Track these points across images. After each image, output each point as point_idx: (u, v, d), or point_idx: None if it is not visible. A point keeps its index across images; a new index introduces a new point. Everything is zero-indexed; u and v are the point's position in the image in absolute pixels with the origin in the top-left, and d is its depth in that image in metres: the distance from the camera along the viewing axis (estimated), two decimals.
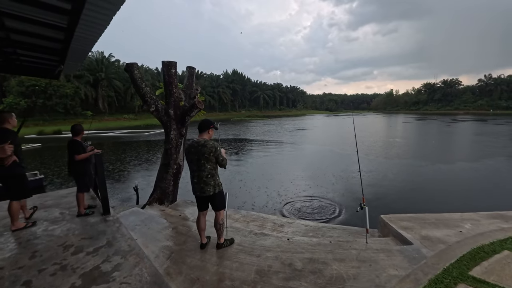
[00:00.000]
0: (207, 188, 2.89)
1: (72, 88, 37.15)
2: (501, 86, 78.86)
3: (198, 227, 3.15)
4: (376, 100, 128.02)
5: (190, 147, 2.90)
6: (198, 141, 2.88)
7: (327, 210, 6.41)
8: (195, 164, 2.87)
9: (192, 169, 2.93)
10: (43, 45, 4.10)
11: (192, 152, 2.87)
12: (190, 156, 2.88)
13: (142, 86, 4.77)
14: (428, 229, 3.88)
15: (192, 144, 2.89)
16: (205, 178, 2.88)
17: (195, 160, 2.86)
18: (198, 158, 2.84)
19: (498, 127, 30.30)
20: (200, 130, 2.96)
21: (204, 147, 2.83)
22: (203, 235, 3.19)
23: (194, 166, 2.90)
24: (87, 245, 2.88)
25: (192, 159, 2.88)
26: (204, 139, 2.91)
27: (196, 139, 2.93)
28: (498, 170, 10.45)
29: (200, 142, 2.86)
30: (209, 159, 2.85)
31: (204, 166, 2.85)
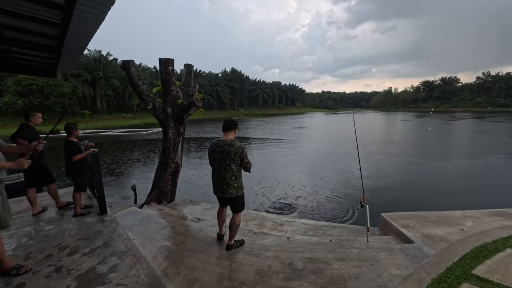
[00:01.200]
0: (229, 190, 2.81)
1: (70, 87, 36.88)
2: (499, 83, 79.04)
3: (219, 219, 3.21)
4: (375, 98, 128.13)
5: (214, 146, 2.82)
6: (224, 141, 2.79)
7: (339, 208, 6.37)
8: (218, 164, 2.80)
9: (215, 168, 2.86)
10: (37, 42, 4.01)
11: (216, 151, 2.79)
12: (214, 155, 2.81)
13: (139, 84, 4.69)
14: (429, 227, 3.84)
15: (217, 143, 2.81)
16: (229, 179, 2.79)
17: (218, 159, 2.79)
18: (223, 158, 2.76)
19: (496, 124, 30.35)
20: (226, 129, 2.87)
21: (230, 146, 2.74)
22: (222, 226, 3.25)
23: (217, 165, 2.82)
24: (83, 246, 2.82)
25: (215, 158, 2.81)
26: (231, 139, 2.82)
27: (222, 138, 2.84)
28: (497, 168, 10.44)
29: (227, 142, 2.77)
30: (235, 160, 2.76)
31: (229, 167, 2.76)
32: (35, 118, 3.69)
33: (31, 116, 3.64)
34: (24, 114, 3.68)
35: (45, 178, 3.81)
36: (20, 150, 2.71)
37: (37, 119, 3.73)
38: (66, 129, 3.63)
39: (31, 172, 3.46)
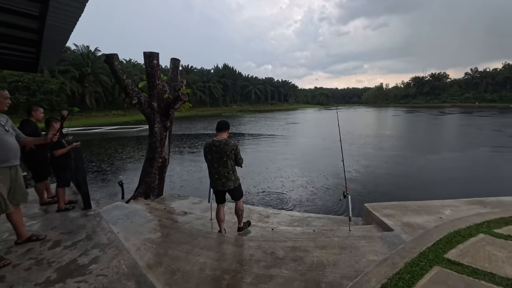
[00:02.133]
0: (228, 183, 3.14)
1: (57, 84, 35.91)
2: (486, 79, 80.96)
3: (218, 219, 3.40)
4: (367, 94, 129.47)
5: (211, 146, 3.08)
6: (220, 140, 3.08)
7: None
8: (217, 162, 3.08)
9: (212, 166, 3.12)
10: (17, 36, 3.92)
11: (213, 150, 3.06)
12: (212, 154, 3.08)
13: (123, 78, 4.64)
14: (410, 216, 3.97)
15: (213, 143, 3.08)
16: (227, 174, 3.11)
17: (216, 158, 3.07)
18: (221, 155, 3.05)
19: (482, 119, 31.19)
20: (220, 129, 3.15)
21: (226, 145, 3.05)
22: (222, 225, 3.43)
23: (215, 163, 3.09)
24: (65, 239, 2.83)
25: (213, 157, 3.07)
26: (225, 139, 3.12)
27: (216, 139, 3.11)
28: (481, 160, 10.79)
29: (222, 141, 3.07)
30: (230, 157, 3.09)
31: (226, 163, 3.08)
32: (36, 113, 3.81)
33: (33, 111, 3.78)
34: (26, 110, 3.88)
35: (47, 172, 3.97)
36: (38, 142, 3.07)
37: (39, 114, 3.85)
38: (46, 124, 3.60)
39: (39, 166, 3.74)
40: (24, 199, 2.68)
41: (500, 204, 4.44)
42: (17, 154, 2.60)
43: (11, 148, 2.51)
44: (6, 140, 2.48)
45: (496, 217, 3.55)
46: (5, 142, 2.46)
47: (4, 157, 2.45)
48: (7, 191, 2.49)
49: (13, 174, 2.54)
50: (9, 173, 2.50)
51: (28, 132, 3.36)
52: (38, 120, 3.82)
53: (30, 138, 2.96)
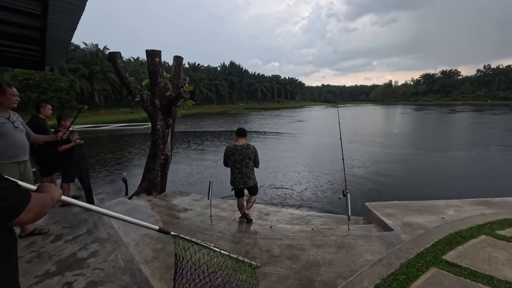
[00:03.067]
0: (249, 181, 3.64)
1: (67, 82, 36.65)
2: (499, 76, 78.52)
3: (239, 207, 3.89)
4: (375, 91, 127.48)
5: (233, 150, 3.55)
6: (241, 145, 3.57)
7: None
8: (240, 163, 3.56)
9: (236, 166, 3.57)
10: (22, 34, 4.00)
11: (236, 153, 3.54)
12: (235, 156, 3.55)
13: (125, 76, 4.70)
14: (411, 215, 3.92)
15: (236, 147, 3.55)
16: (249, 173, 3.61)
17: (239, 160, 3.55)
18: (243, 158, 3.54)
19: (494, 117, 30.31)
20: (240, 135, 3.63)
21: (247, 149, 3.56)
22: (243, 211, 3.89)
23: (238, 164, 3.56)
24: (66, 234, 2.90)
25: (236, 159, 3.55)
26: (247, 143, 3.63)
27: (238, 144, 3.58)
28: (491, 159, 10.51)
29: (244, 146, 3.57)
30: (251, 158, 3.60)
31: (248, 164, 3.58)
32: (44, 109, 3.92)
33: (41, 107, 3.89)
34: (35, 106, 3.98)
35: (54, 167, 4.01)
36: (48, 139, 3.19)
37: (47, 111, 3.95)
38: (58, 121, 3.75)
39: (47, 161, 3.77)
40: None
41: (506, 205, 4.33)
42: (26, 150, 2.68)
43: (20, 144, 2.58)
44: (14, 137, 2.55)
45: (499, 218, 3.46)
46: (13, 138, 2.53)
47: (12, 153, 2.53)
48: None
49: (21, 169, 2.62)
50: (17, 168, 2.58)
51: (35, 128, 3.46)
52: (46, 116, 3.91)
53: (40, 136, 3.06)
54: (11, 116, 2.63)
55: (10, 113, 2.65)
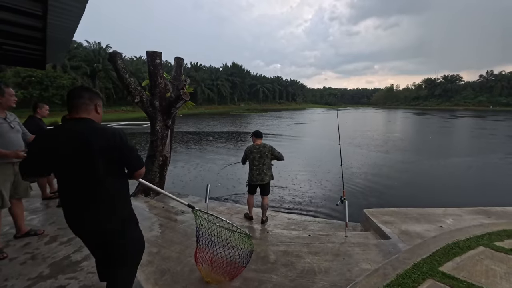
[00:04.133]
0: (265, 178, 3.99)
1: (69, 79, 36.78)
2: (501, 82, 78.38)
3: (250, 204, 4.20)
4: (376, 95, 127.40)
5: (252, 149, 3.95)
6: (259, 145, 3.97)
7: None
8: (258, 160, 3.93)
9: (254, 164, 3.95)
10: (24, 34, 4.01)
11: (254, 152, 3.94)
12: (253, 155, 3.93)
13: (125, 76, 4.70)
14: (409, 223, 3.89)
15: (254, 147, 3.96)
16: (266, 170, 3.98)
17: (258, 157, 3.93)
18: (261, 156, 3.93)
19: (496, 123, 30.22)
20: (258, 136, 4.04)
21: (264, 147, 3.98)
22: (252, 210, 4.24)
23: (256, 162, 3.93)
24: (61, 235, 2.89)
25: (255, 157, 3.93)
26: (263, 143, 4.03)
27: (256, 144, 3.98)
28: (492, 167, 10.47)
29: (261, 145, 3.98)
30: (268, 156, 3.99)
31: (266, 162, 3.96)
32: (42, 110, 3.91)
33: (38, 108, 3.85)
34: (32, 107, 3.95)
35: None
36: None
37: (44, 111, 3.95)
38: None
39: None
40: (26, 194, 2.76)
41: (506, 215, 4.30)
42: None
43: (15, 145, 2.58)
44: (10, 137, 2.55)
45: (498, 229, 3.43)
46: (9, 139, 2.53)
47: None
48: (10, 186, 2.56)
49: (16, 169, 2.61)
50: (12, 168, 2.58)
51: (30, 129, 3.46)
52: (43, 116, 3.92)
53: None
54: (8, 116, 2.63)
55: (7, 113, 2.65)
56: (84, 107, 1.45)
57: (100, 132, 1.39)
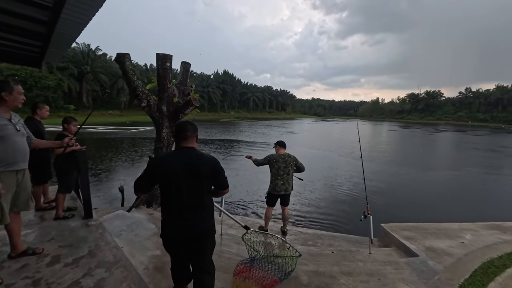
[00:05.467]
0: (289, 188, 3.97)
1: (55, 80, 35.25)
2: (479, 99, 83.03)
3: (268, 217, 4.08)
4: (363, 107, 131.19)
5: (278, 158, 3.93)
6: (284, 154, 3.97)
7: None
8: (283, 170, 3.90)
9: (279, 174, 3.90)
10: (25, 27, 3.65)
11: (280, 161, 3.91)
12: (279, 164, 3.90)
13: (133, 79, 4.40)
14: (431, 239, 3.79)
15: (279, 156, 3.94)
16: (290, 180, 3.97)
17: (283, 167, 3.90)
18: (286, 166, 3.91)
19: (477, 138, 31.67)
20: (282, 146, 4.08)
21: (289, 157, 3.98)
22: (268, 223, 4.15)
23: (281, 171, 3.90)
24: (65, 255, 2.51)
25: (280, 166, 3.89)
26: (287, 153, 4.03)
27: (280, 153, 3.99)
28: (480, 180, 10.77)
29: (285, 155, 3.98)
30: (293, 166, 3.98)
31: (290, 171, 3.94)
32: (42, 111, 3.57)
33: (38, 108, 3.54)
34: (31, 107, 3.58)
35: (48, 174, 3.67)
36: (51, 145, 2.89)
37: (44, 112, 3.61)
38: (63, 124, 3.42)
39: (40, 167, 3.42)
40: (26, 207, 2.40)
41: None
42: (26, 157, 2.34)
43: (21, 149, 2.25)
44: (15, 141, 2.21)
45: None
46: (14, 143, 2.20)
47: (11, 160, 2.18)
48: (11, 197, 2.22)
49: (19, 178, 2.28)
50: (15, 177, 2.24)
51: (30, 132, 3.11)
52: (43, 118, 3.56)
53: (43, 141, 2.71)
54: (13, 117, 2.30)
55: (12, 114, 2.31)
56: (191, 139, 1.83)
57: (205, 160, 1.80)
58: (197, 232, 1.80)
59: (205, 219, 1.83)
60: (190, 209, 1.74)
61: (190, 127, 1.82)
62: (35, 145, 2.54)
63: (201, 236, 1.83)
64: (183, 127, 1.81)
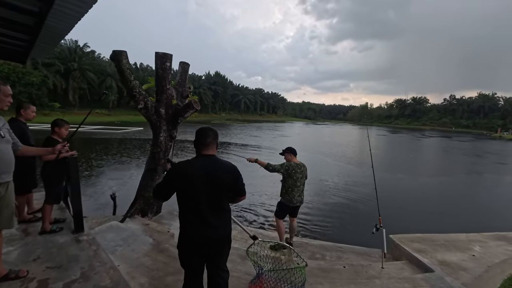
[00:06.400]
0: (303, 198, 3.77)
1: (39, 77, 33.76)
2: (462, 106, 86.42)
3: (283, 231, 3.86)
4: (352, 112, 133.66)
5: (296, 168, 3.66)
6: (299, 164, 3.73)
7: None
8: (299, 181, 3.66)
9: (296, 185, 3.64)
10: (9, 18, 3.29)
11: (298, 172, 3.65)
12: (297, 175, 3.64)
13: (130, 78, 4.09)
14: (441, 252, 3.69)
15: (297, 166, 3.69)
16: (303, 190, 3.75)
17: (299, 178, 3.66)
18: (302, 176, 3.69)
19: (463, 144, 32.72)
20: (295, 153, 3.80)
21: (304, 167, 3.76)
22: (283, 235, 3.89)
23: (298, 182, 3.66)
24: (54, 279, 2.19)
25: (298, 177, 3.64)
26: (301, 162, 3.78)
27: (295, 162, 3.72)
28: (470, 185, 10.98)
29: (301, 164, 3.74)
30: (306, 177, 3.79)
31: (304, 182, 3.75)
32: (26, 112, 3.16)
33: (22, 109, 3.12)
34: (15, 107, 3.15)
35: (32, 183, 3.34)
36: (41, 153, 2.56)
37: (29, 113, 3.19)
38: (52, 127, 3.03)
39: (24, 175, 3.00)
40: (9, 224, 2.06)
41: None
42: (11, 167, 2.02)
43: (4, 159, 1.94)
44: (0, 150, 1.90)
45: None
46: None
47: None
48: None
49: (2, 192, 1.97)
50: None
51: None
52: (28, 119, 3.19)
53: (30, 148, 2.37)
54: None
55: None
56: (212, 146, 1.81)
57: (225, 167, 1.80)
58: (219, 238, 1.81)
59: (226, 225, 1.85)
60: (211, 216, 1.74)
61: (211, 134, 1.80)
62: (21, 153, 2.21)
63: (222, 241, 1.84)
64: (205, 133, 1.79)
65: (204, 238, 1.73)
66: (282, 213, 3.80)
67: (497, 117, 77.00)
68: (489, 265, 3.19)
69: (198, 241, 1.73)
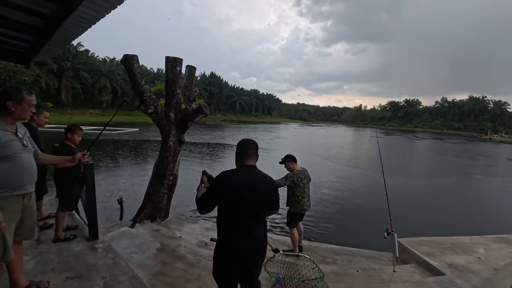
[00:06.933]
0: (310, 203, 3.81)
1: (32, 76, 33.02)
2: (453, 109, 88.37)
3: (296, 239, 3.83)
4: (346, 114, 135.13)
5: (300, 175, 3.65)
6: (303, 170, 3.74)
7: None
8: (306, 186, 3.71)
9: (304, 192, 3.66)
10: (18, 19, 3.23)
11: (303, 178, 3.66)
12: (303, 181, 3.66)
13: (141, 83, 4.07)
14: (449, 255, 3.77)
15: (301, 173, 3.68)
16: (309, 196, 3.78)
17: (306, 183, 3.70)
18: (307, 182, 3.75)
19: (456, 146, 33.45)
20: (296, 161, 3.78)
21: (306, 172, 3.78)
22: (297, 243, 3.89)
23: (306, 189, 3.69)
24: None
25: (305, 184, 3.68)
26: (302, 168, 3.79)
27: (300, 169, 3.73)
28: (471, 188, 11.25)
29: (304, 170, 3.76)
30: (310, 179, 3.85)
31: (309, 185, 3.80)
32: (39, 117, 3.09)
33: (35, 114, 2.97)
34: None
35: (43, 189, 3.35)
36: (61, 161, 2.50)
37: (41, 119, 3.15)
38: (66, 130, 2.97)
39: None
40: (31, 236, 2.02)
41: None
42: (34, 177, 1.95)
43: (28, 169, 1.88)
44: (23, 159, 1.83)
45: None
46: (21, 161, 1.81)
47: (17, 182, 1.80)
48: (15, 226, 1.85)
49: (26, 203, 1.91)
50: (21, 202, 1.86)
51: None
52: (40, 125, 3.13)
53: (51, 157, 2.32)
54: (19, 130, 1.94)
55: (18, 126, 1.96)
56: (255, 157, 1.86)
57: (266, 179, 1.85)
58: (260, 248, 1.86)
59: (265, 236, 1.92)
60: (255, 227, 1.79)
61: (253, 145, 1.87)
62: (41, 161, 2.16)
63: (262, 252, 1.88)
64: (248, 144, 1.85)
65: (245, 249, 1.74)
66: (294, 221, 3.80)
67: (487, 119, 79.02)
68: (495, 267, 3.28)
69: (239, 252, 1.74)
